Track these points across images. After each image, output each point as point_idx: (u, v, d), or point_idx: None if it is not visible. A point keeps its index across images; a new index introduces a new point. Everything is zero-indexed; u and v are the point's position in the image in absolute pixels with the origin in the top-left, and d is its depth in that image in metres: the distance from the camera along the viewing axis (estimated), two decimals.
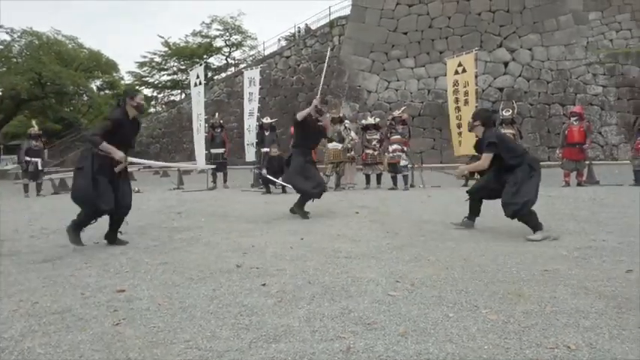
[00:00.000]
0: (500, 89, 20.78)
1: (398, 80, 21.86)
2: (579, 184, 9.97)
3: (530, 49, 20.94)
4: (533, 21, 20.96)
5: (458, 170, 5.56)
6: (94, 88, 38.14)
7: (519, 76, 20.81)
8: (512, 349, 2.16)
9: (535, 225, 4.61)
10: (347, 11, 25.33)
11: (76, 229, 4.58)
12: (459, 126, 10.98)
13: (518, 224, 4.77)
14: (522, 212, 4.57)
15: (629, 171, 10.08)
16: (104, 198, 4.43)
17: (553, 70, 20.69)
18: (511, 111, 10.80)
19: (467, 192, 5.26)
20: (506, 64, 21.00)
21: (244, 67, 27.07)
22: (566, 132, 10.32)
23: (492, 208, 5.27)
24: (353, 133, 11.16)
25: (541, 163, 5.11)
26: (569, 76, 20.53)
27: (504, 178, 4.75)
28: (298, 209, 6.41)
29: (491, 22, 21.30)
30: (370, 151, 10.85)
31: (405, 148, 10.59)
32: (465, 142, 10.66)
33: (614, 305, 2.68)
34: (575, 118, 10.30)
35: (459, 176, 5.64)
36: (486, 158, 4.83)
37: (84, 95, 36.35)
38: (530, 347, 2.18)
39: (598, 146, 19.45)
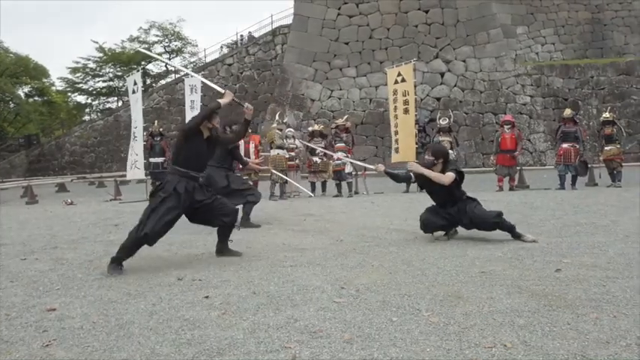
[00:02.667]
0: (438, 99, 21.63)
1: (340, 89, 22.21)
2: (511, 189, 10.54)
3: (464, 61, 21.96)
4: (466, 34, 22.02)
5: (413, 166, 5.21)
6: (22, 94, 35.90)
7: (455, 86, 21.75)
8: (452, 350, 2.23)
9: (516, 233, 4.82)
10: (289, 20, 25.49)
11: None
12: (397, 133, 11.28)
13: (458, 227, 4.93)
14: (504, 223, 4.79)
15: (556, 175, 10.76)
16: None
17: (485, 81, 21.80)
18: (448, 120, 11.26)
19: (421, 227, 5.10)
20: (442, 74, 21.90)
21: (185, 74, 26.51)
22: (499, 139, 10.88)
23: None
24: (297, 141, 11.18)
25: (475, 169, 5.35)
26: (500, 86, 21.71)
27: (450, 210, 4.92)
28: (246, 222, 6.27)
29: (428, 34, 22.16)
30: (315, 159, 10.91)
31: (349, 156, 10.74)
32: (402, 150, 10.95)
33: (546, 303, 2.83)
34: (507, 127, 10.89)
35: (379, 171, 5.44)
36: (451, 177, 4.87)
37: (10, 102, 34.11)
38: (470, 347, 2.25)
39: (527, 152, 20.64)
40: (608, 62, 23.09)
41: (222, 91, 4.53)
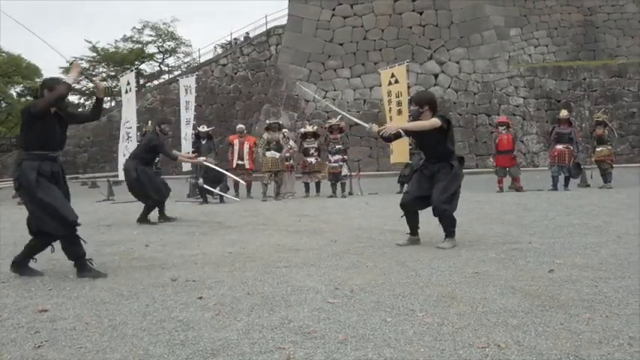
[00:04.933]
0: None
1: (335, 90, 22.21)
2: (517, 190, 10.46)
3: (457, 62, 22.03)
4: (460, 35, 22.10)
5: (390, 128, 4.84)
6: (14, 94, 35.63)
7: (448, 87, 21.82)
8: (446, 351, 2.23)
9: (452, 231, 4.63)
10: (284, 20, 25.45)
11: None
12: None
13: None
14: (449, 213, 4.57)
15: (549, 176, 10.82)
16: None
17: (479, 83, 21.89)
18: None
19: (400, 205, 4.88)
20: (436, 75, 21.96)
21: (179, 75, 26.41)
22: (497, 141, 10.93)
23: (423, 213, 5.44)
24: (292, 142, 11.18)
25: (469, 170, 5.26)
26: (494, 88, 21.81)
27: (431, 182, 4.64)
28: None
29: (422, 35, 22.22)
30: (309, 160, 10.91)
31: (345, 157, 10.78)
32: (396, 151, 10.97)
33: (539, 304, 2.84)
34: (503, 127, 10.94)
35: (374, 132, 4.90)
36: (435, 122, 4.45)
37: (2, 102, 33.85)
38: (464, 347, 2.26)
39: (520, 154, 20.74)
40: (601, 64, 23.28)
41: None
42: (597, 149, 10.83)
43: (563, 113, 11.02)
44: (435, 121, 4.48)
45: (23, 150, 3.86)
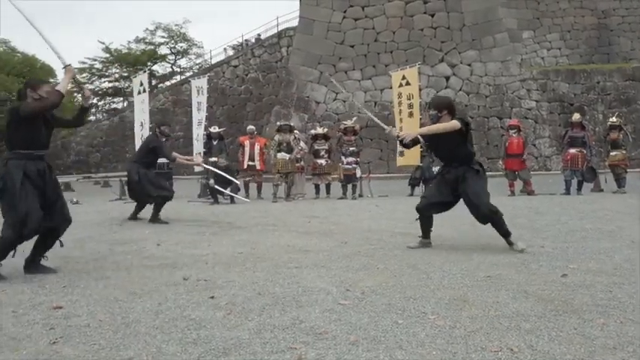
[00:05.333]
0: None
1: (345, 92, 22.20)
2: (529, 194, 10.35)
3: (469, 65, 21.91)
4: (472, 38, 21.99)
5: (410, 135, 4.83)
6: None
7: (460, 90, 21.71)
8: (458, 354, 2.22)
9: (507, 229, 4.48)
10: (295, 22, 25.52)
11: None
12: None
13: (461, 232, 4.93)
14: (499, 215, 4.44)
15: (561, 180, 10.71)
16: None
17: (491, 85, 21.75)
18: None
19: (416, 209, 4.83)
20: (447, 78, 21.85)
21: (190, 76, 26.58)
22: (507, 144, 10.84)
23: (436, 216, 5.42)
24: (302, 144, 11.19)
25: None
26: (506, 91, 21.66)
27: (456, 189, 4.52)
28: None
29: (433, 37, 22.13)
30: (319, 161, 10.91)
31: (358, 159, 10.80)
32: (407, 153, 10.94)
33: (552, 308, 2.82)
34: (513, 131, 10.86)
35: (393, 135, 4.98)
36: (454, 124, 4.36)
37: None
38: (476, 351, 2.25)
39: (532, 157, 20.56)
40: (615, 68, 23.01)
41: (67, 64, 3.97)
42: (611, 153, 10.70)
43: (576, 116, 10.90)
44: (455, 123, 4.40)
45: (8, 149, 3.91)
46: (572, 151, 10.36)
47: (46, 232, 3.96)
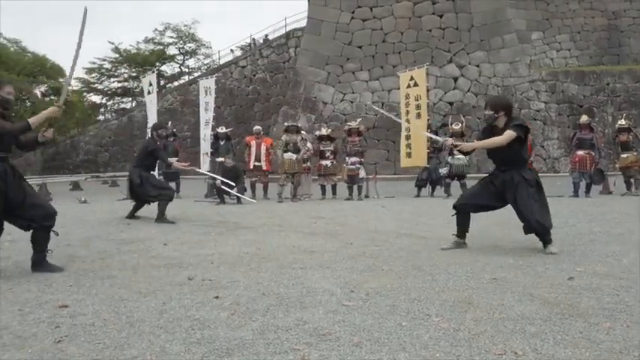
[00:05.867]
0: (450, 103, 21.50)
1: (353, 92, 22.19)
2: None
3: (477, 66, 21.82)
4: (480, 39, 21.89)
5: (465, 147, 4.88)
6: (39, 93, 36.43)
7: (468, 91, 21.62)
8: (462, 356, 2.21)
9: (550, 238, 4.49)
10: (303, 23, 25.56)
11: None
12: (408, 137, 11.24)
13: (467, 234, 4.88)
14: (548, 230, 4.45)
15: (569, 183, 10.62)
16: None
17: (499, 86, 21.64)
18: (460, 124, 11.19)
19: (453, 206, 4.77)
20: (455, 79, 21.77)
21: (198, 76, 26.71)
22: None
23: (442, 217, 5.40)
24: (309, 144, 11.20)
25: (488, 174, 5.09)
26: (514, 92, 21.53)
27: (503, 194, 4.50)
28: None
29: (442, 38, 22.06)
30: (324, 162, 10.91)
31: (362, 160, 10.78)
32: (414, 154, 10.90)
33: (558, 311, 2.79)
34: None
35: (448, 145, 5.03)
36: (510, 135, 4.28)
37: (27, 101, 34.62)
38: (480, 354, 2.24)
39: (541, 159, 20.42)
40: (625, 69, 22.80)
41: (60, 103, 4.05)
42: (622, 156, 10.60)
43: (584, 118, 10.81)
44: (510, 135, 4.30)
45: None
46: (581, 153, 10.28)
47: (28, 228, 4.04)
